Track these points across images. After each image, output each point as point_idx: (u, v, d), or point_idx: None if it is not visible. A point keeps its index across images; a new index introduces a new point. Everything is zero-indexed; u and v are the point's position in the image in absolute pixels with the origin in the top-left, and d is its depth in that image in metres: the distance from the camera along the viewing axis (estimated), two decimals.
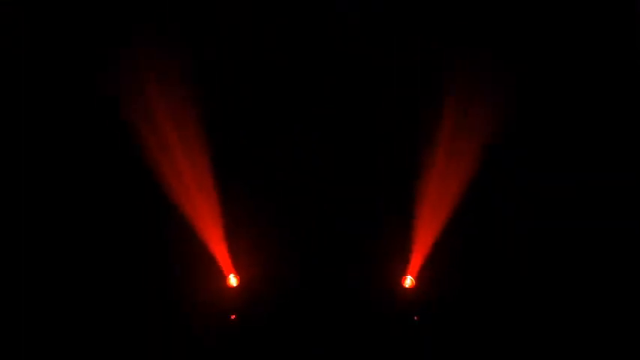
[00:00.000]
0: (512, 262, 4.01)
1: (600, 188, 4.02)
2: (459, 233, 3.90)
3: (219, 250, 3.92)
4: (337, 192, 4.25)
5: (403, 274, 3.82)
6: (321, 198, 4.22)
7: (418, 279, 3.81)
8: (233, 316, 3.67)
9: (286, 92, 4.27)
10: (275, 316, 3.78)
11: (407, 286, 3.75)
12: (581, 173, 4.06)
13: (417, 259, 3.87)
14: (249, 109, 4.29)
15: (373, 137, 4.26)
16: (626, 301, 3.72)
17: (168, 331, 3.66)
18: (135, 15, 4.04)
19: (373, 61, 4.19)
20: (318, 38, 4.19)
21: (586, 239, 3.97)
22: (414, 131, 4.06)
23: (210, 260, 3.89)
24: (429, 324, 3.73)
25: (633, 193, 3.94)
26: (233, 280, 3.75)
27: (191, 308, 3.77)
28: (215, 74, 4.21)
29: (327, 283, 3.94)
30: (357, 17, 4.14)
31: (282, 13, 4.17)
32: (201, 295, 3.82)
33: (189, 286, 3.86)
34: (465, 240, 3.95)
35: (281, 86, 4.26)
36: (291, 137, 4.27)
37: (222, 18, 4.17)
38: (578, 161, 4.09)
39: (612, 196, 3.99)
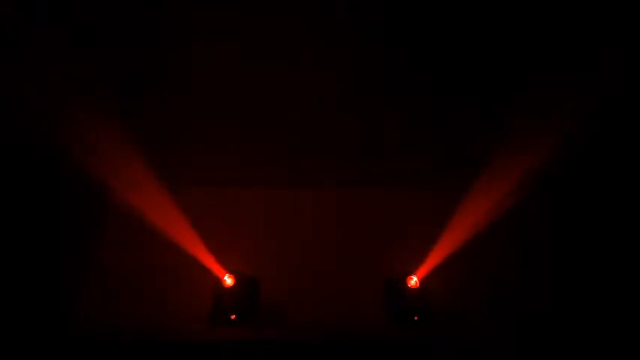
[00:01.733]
0: (514, 264, 4.05)
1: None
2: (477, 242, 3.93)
3: (212, 254, 3.91)
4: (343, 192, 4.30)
5: (409, 273, 3.80)
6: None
7: (423, 280, 3.78)
8: (233, 316, 3.64)
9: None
10: (274, 316, 3.75)
11: (410, 286, 3.73)
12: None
13: (427, 262, 3.89)
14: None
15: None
16: (626, 301, 3.75)
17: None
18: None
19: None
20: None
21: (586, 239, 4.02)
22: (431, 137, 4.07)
23: (203, 265, 3.87)
24: (429, 324, 3.71)
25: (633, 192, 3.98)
26: (229, 281, 3.72)
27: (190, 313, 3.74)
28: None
29: (327, 282, 3.92)
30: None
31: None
32: (199, 299, 3.77)
33: (185, 293, 3.82)
34: (469, 241, 3.97)
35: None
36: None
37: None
38: None
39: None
